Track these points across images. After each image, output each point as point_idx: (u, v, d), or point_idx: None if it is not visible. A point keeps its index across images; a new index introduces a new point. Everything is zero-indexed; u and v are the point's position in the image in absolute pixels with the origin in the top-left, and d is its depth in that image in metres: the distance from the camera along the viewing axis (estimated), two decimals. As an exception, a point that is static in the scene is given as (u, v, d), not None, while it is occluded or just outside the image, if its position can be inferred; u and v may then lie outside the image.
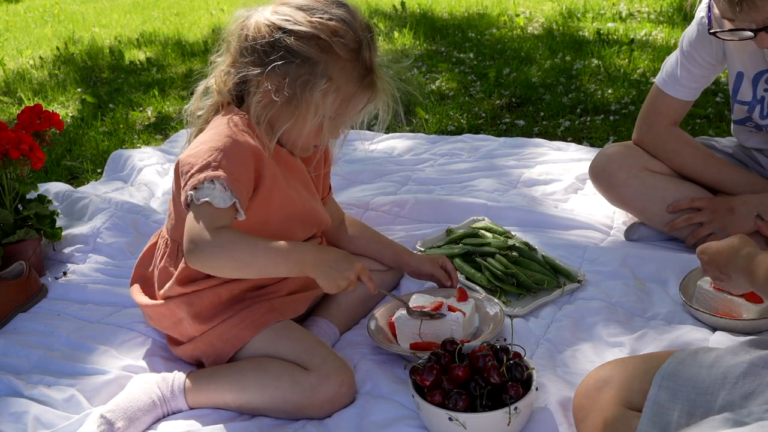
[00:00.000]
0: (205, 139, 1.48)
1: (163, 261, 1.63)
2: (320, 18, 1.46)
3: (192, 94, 1.62)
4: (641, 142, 2.06)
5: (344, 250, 1.57)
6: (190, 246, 1.39)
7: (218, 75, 1.57)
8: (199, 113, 1.60)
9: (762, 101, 1.88)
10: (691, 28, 1.93)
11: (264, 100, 1.49)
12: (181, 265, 1.55)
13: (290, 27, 1.45)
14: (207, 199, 1.39)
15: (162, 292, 1.60)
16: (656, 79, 2.04)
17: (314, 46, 1.45)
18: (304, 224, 1.67)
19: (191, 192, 1.40)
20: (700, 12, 1.90)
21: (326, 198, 1.81)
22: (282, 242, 1.44)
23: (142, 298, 1.67)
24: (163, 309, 1.61)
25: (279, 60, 1.45)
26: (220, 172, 1.40)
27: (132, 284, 1.73)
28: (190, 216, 1.42)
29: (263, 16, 1.49)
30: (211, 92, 1.58)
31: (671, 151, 2.01)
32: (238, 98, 1.57)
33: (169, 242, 1.63)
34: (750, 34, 1.62)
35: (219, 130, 1.48)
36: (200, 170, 1.41)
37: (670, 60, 2.00)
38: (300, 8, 1.48)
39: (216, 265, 1.42)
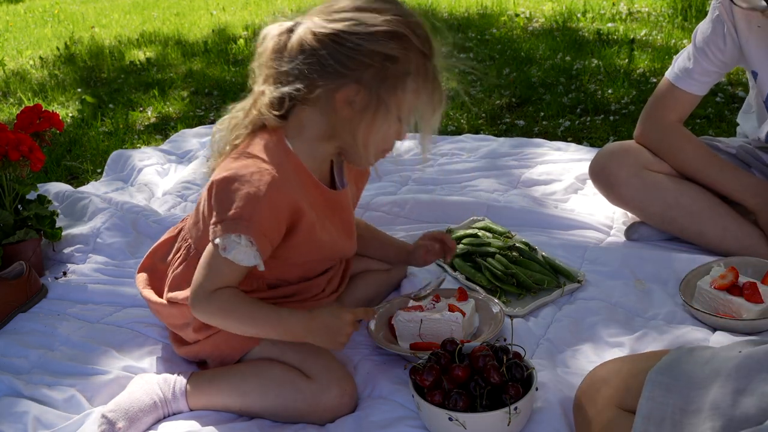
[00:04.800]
0: (244, 173, 1.36)
1: (182, 267, 1.58)
2: (392, 15, 1.35)
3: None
4: (644, 137, 2.05)
5: (331, 306, 1.50)
6: (192, 300, 1.43)
7: (257, 99, 1.43)
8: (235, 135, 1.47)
9: None
10: (705, 24, 1.94)
11: (343, 115, 1.38)
12: None
13: (364, 30, 1.33)
14: (230, 257, 1.36)
15: (170, 296, 1.57)
16: (667, 74, 2.03)
17: (395, 43, 1.34)
18: (326, 261, 1.64)
19: (218, 241, 1.36)
20: (714, 10, 1.91)
21: None
22: (271, 312, 1.44)
23: (149, 292, 1.64)
24: (171, 309, 1.59)
25: (356, 67, 1.34)
26: (250, 230, 1.34)
27: (139, 271, 1.69)
28: (205, 259, 1.41)
29: (317, 26, 1.35)
30: (242, 112, 1.47)
31: (675, 148, 2.00)
32: (279, 117, 1.43)
33: (192, 249, 1.58)
34: (764, 4, 1.63)
35: (261, 168, 1.37)
36: (232, 220, 1.34)
37: (682, 55, 2.01)
38: (360, 10, 1.35)
39: (212, 323, 1.47)
